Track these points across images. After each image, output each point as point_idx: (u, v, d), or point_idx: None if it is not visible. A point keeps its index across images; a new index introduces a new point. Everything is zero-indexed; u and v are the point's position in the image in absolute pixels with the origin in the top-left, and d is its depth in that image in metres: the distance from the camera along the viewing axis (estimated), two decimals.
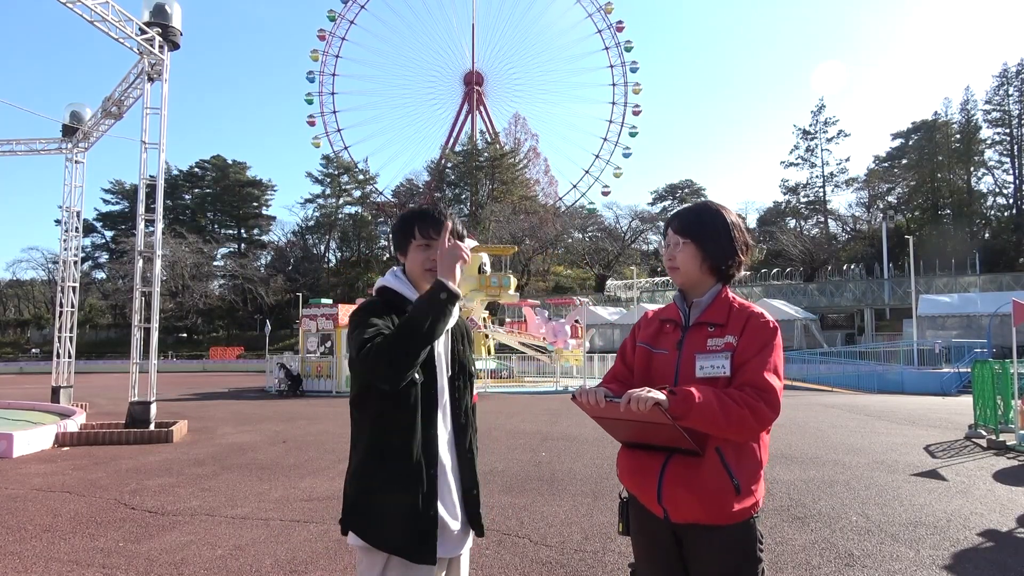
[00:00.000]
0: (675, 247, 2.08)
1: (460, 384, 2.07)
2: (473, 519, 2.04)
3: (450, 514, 1.96)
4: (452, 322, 2.05)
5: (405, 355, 1.80)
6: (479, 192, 70.79)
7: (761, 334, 1.94)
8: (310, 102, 75.86)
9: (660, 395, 1.76)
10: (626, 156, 77.39)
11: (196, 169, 77.04)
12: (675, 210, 2.24)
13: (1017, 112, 61.04)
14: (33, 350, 62.62)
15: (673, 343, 2.04)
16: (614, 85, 77.00)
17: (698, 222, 2.08)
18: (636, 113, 77.01)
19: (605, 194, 77.82)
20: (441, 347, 2.03)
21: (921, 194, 65.79)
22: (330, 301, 26.06)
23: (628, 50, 76.50)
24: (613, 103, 77.18)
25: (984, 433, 10.27)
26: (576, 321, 28.68)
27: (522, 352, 29.83)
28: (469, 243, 2.09)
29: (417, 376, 1.91)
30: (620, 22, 76.87)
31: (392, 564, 1.87)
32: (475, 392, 2.23)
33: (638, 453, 1.98)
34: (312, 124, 75.79)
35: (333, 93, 76.49)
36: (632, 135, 77.28)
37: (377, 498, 1.90)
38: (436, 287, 1.85)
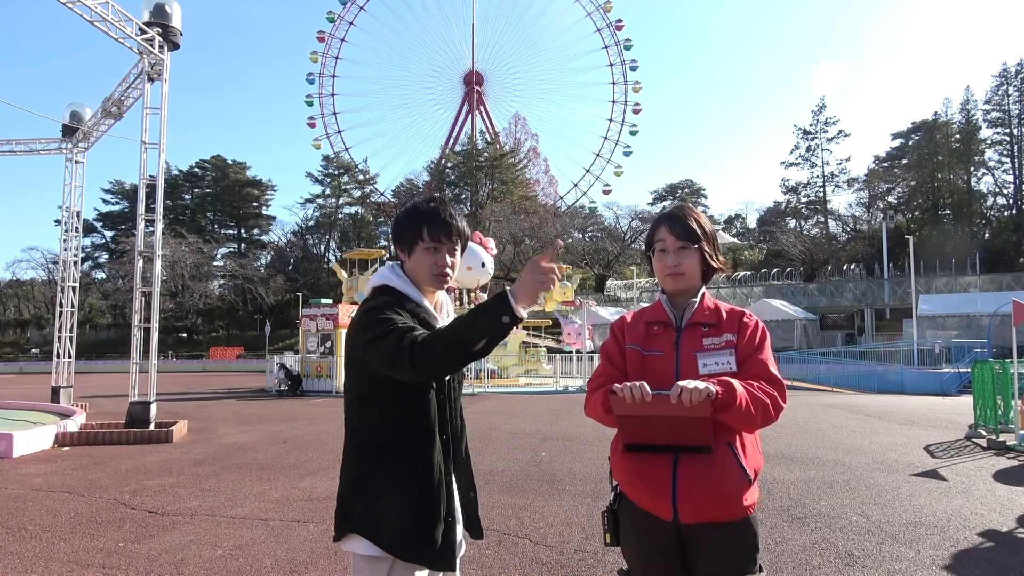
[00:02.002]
0: (679, 253, 2.06)
1: (455, 385, 2.04)
2: (471, 522, 2.02)
3: (455, 517, 1.95)
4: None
5: (453, 361, 1.71)
6: (479, 192, 70.81)
7: (756, 332, 2.01)
8: (310, 104, 75.87)
9: (712, 386, 1.77)
10: (627, 154, 77.51)
11: (196, 169, 77.12)
12: (659, 216, 2.21)
13: (1017, 112, 61.05)
14: (33, 350, 62.65)
15: (668, 344, 2.03)
16: (614, 83, 77.08)
17: (699, 226, 2.08)
18: (636, 111, 77.09)
19: (606, 192, 77.94)
20: None
21: (921, 194, 65.77)
22: (330, 301, 26.06)
23: (627, 48, 76.52)
24: (613, 101, 77.28)
25: (984, 433, 10.27)
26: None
27: (530, 347, 30.14)
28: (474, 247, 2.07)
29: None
30: (619, 21, 76.95)
31: (396, 571, 1.82)
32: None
33: (643, 457, 1.94)
34: (312, 126, 75.82)
35: (333, 95, 76.52)
36: (633, 133, 77.34)
37: (390, 502, 1.84)
38: (502, 307, 1.63)
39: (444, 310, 2.08)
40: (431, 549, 1.82)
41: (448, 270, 1.98)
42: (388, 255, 28.90)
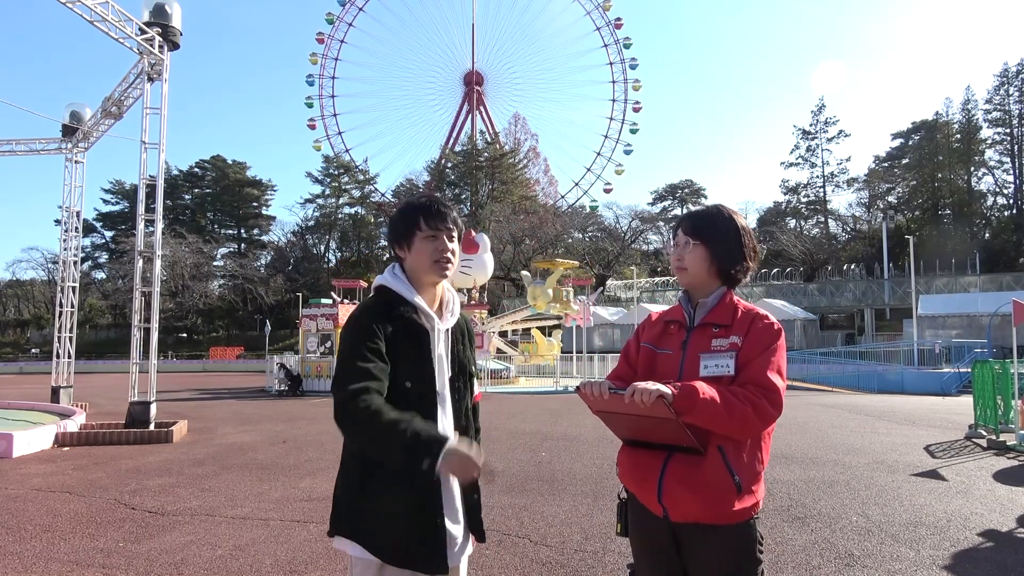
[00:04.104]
0: (684, 247, 2.09)
1: (460, 385, 2.04)
2: (474, 525, 2.01)
3: (452, 521, 1.92)
4: (453, 322, 2.05)
5: (364, 442, 1.81)
6: (479, 192, 70.74)
7: (766, 335, 1.96)
8: (310, 106, 75.74)
9: (664, 388, 1.75)
10: (627, 153, 77.44)
11: (196, 169, 77.06)
12: (683, 211, 2.26)
13: (1017, 112, 61.01)
14: (33, 350, 62.60)
15: (677, 343, 2.05)
16: (614, 82, 76.98)
17: (710, 225, 2.09)
18: (636, 110, 76.98)
19: (608, 191, 77.89)
20: (442, 348, 2.01)
21: (921, 194, 65.78)
22: (330, 301, 26.06)
23: (627, 47, 76.43)
24: (613, 100, 77.16)
25: (984, 433, 10.27)
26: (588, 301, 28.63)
27: (504, 352, 29.94)
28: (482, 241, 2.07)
29: (407, 384, 1.88)
30: (619, 19, 76.85)
31: (386, 572, 1.83)
32: (478, 391, 2.19)
33: (639, 451, 1.98)
34: (312, 128, 75.69)
35: (333, 96, 76.38)
36: (633, 132, 77.28)
37: (378, 505, 1.85)
38: (431, 454, 1.68)
39: (449, 308, 2.07)
40: (417, 553, 1.82)
41: (449, 255, 2.01)
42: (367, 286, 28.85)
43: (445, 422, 1.98)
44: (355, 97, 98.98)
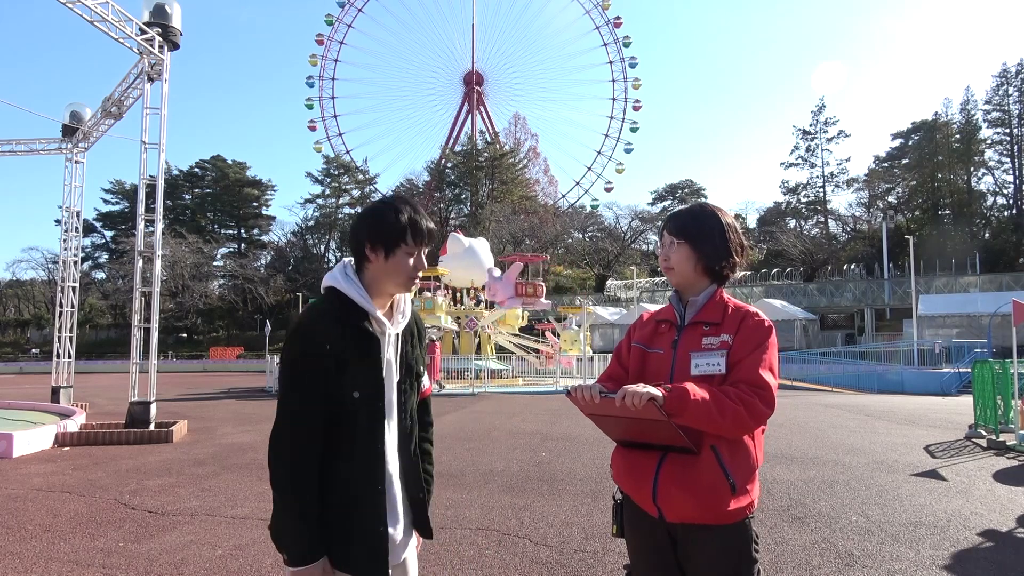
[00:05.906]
0: (670, 247, 2.10)
1: (407, 387, 1.97)
2: (420, 523, 1.97)
3: (392, 524, 1.89)
4: (401, 327, 1.98)
5: (272, 471, 1.92)
6: (479, 192, 70.79)
7: (756, 333, 1.95)
8: (310, 107, 75.84)
9: (655, 390, 1.75)
10: (628, 151, 77.52)
11: (196, 169, 77.05)
12: (671, 211, 2.25)
13: (1017, 112, 60.98)
14: (33, 350, 62.55)
15: (668, 342, 2.05)
16: (614, 81, 77.10)
17: (693, 223, 2.09)
18: (636, 108, 77.05)
19: (608, 190, 78.02)
20: (391, 352, 1.92)
21: (921, 194, 65.76)
22: None
23: (627, 46, 76.51)
24: (613, 99, 77.26)
25: (984, 433, 10.27)
26: (524, 279, 27.59)
27: (511, 352, 29.82)
28: (474, 240, 2.03)
29: (355, 394, 1.82)
30: (618, 18, 77.02)
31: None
32: (427, 386, 2.13)
33: (633, 452, 1.98)
34: (313, 129, 75.81)
35: (333, 97, 76.51)
36: (633, 130, 77.38)
37: (330, 513, 1.84)
38: (285, 553, 1.84)
39: (399, 310, 1.97)
40: (357, 559, 1.81)
41: (420, 273, 1.99)
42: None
43: (390, 429, 1.92)
44: (355, 98, 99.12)
